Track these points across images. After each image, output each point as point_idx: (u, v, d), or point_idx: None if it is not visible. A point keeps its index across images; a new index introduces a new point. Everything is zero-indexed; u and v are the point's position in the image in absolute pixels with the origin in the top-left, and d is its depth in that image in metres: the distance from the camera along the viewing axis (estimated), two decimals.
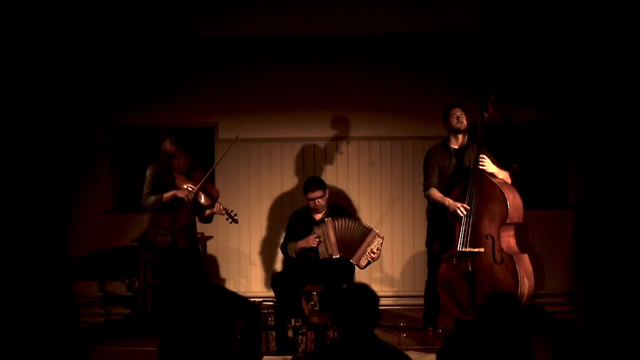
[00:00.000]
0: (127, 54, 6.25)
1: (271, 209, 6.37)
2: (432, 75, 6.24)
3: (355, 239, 5.11)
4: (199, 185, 4.87)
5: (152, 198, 4.82)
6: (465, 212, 4.61)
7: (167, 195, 4.81)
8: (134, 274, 6.22)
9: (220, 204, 4.94)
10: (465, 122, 4.85)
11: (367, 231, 5.10)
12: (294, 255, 5.21)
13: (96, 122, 6.35)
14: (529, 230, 6.14)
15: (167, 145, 4.86)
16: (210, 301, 3.51)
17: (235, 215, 4.99)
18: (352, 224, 5.14)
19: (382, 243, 5.11)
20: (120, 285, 6.38)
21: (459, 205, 4.63)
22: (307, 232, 5.17)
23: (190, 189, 4.83)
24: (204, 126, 6.35)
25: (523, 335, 2.94)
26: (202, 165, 5.15)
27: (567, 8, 5.28)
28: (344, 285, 5.14)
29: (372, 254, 5.08)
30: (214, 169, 5.11)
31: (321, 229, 5.13)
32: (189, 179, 4.92)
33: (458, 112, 4.84)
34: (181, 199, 4.81)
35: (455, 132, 4.87)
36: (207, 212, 5.01)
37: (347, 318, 2.79)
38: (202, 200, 4.90)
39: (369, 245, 5.08)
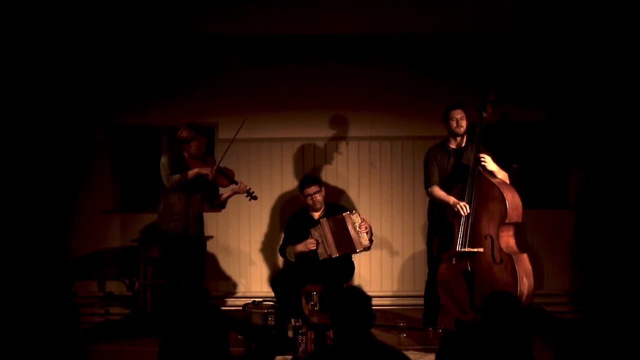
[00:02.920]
0: (127, 54, 6.24)
1: (271, 209, 6.37)
2: (432, 75, 6.23)
3: (346, 232, 5.08)
4: (216, 165, 5.04)
5: (177, 176, 4.94)
6: (467, 211, 4.61)
7: (191, 172, 4.96)
8: (134, 274, 6.23)
9: (242, 183, 5.13)
10: (464, 125, 4.85)
11: (343, 220, 5.07)
12: (292, 260, 5.20)
13: (96, 122, 6.35)
14: (529, 230, 6.13)
15: (184, 132, 5.03)
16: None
17: (254, 192, 5.15)
18: (342, 220, 5.12)
19: (359, 215, 5.09)
20: (120, 285, 6.38)
21: (461, 203, 4.63)
22: (306, 233, 5.17)
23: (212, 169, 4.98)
24: (204, 126, 6.30)
25: (523, 335, 2.93)
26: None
27: (567, 8, 5.28)
28: (345, 285, 5.16)
29: (363, 228, 5.05)
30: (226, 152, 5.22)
31: (318, 231, 5.13)
32: (204, 163, 5.07)
33: (458, 115, 4.84)
34: (205, 176, 4.95)
35: (455, 135, 4.89)
36: (227, 193, 5.18)
37: (341, 321, 2.84)
38: (221, 181, 5.11)
39: (354, 227, 5.05)
